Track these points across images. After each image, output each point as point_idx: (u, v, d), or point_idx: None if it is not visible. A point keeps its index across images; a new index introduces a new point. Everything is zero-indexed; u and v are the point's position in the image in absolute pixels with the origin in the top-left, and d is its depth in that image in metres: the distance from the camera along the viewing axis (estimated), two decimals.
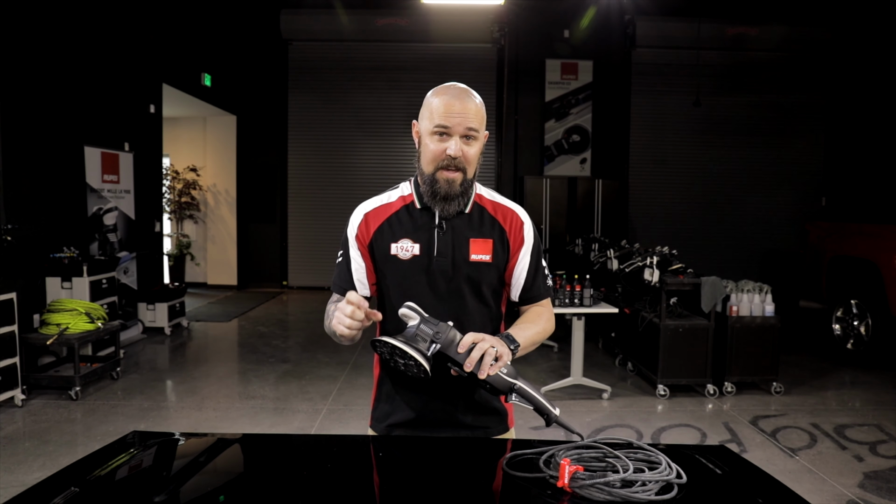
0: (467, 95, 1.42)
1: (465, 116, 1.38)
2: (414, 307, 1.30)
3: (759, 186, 10.12)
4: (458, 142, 1.39)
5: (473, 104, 1.41)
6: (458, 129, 1.38)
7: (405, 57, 9.93)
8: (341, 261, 1.53)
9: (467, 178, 1.43)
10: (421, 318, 1.28)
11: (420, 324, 1.27)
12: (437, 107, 1.40)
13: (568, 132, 10.02)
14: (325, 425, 4.11)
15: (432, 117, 1.40)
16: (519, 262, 1.52)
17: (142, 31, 6.69)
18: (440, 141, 1.40)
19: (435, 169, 1.41)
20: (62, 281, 5.03)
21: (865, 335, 5.75)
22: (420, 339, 1.26)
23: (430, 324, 1.27)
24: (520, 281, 1.53)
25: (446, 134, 1.39)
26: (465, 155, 1.40)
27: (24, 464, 3.38)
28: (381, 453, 1.37)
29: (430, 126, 1.41)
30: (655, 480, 1.06)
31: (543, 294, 1.56)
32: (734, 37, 9.64)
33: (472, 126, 1.39)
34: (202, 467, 1.29)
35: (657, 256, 4.95)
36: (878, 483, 3.30)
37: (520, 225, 1.52)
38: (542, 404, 1.28)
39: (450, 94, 1.41)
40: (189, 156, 10.10)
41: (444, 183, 1.41)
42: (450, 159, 1.39)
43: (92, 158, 5.72)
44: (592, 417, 4.33)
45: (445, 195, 1.41)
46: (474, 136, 1.41)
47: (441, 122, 1.38)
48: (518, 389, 1.28)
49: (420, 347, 1.25)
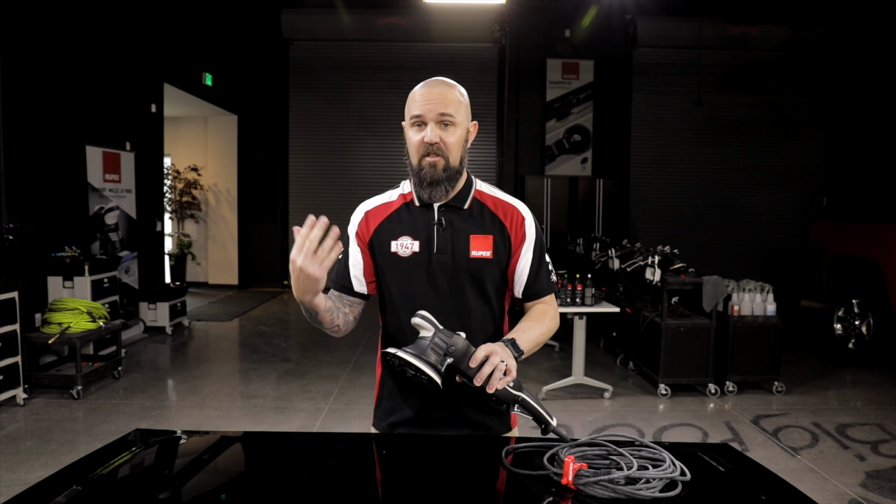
0: (442, 84, 1.43)
1: (437, 102, 1.40)
2: (427, 317, 1.29)
3: (760, 186, 10.11)
4: (433, 128, 1.40)
5: (448, 91, 1.42)
6: (430, 115, 1.40)
7: (406, 56, 9.93)
8: (340, 258, 1.52)
9: (451, 165, 1.43)
10: (435, 329, 1.27)
11: (434, 337, 1.26)
12: (412, 98, 1.44)
13: (569, 132, 10.02)
14: (327, 424, 4.11)
15: (409, 110, 1.44)
16: (521, 258, 1.50)
17: (143, 31, 6.69)
18: (418, 131, 1.42)
19: (419, 158, 1.43)
20: (64, 280, 5.03)
21: (867, 335, 5.74)
22: (433, 353, 1.25)
23: (444, 336, 1.26)
24: (522, 277, 1.52)
25: (422, 123, 1.41)
26: (443, 141, 1.41)
27: (25, 462, 3.38)
28: (384, 451, 1.36)
29: (408, 119, 1.45)
30: (659, 478, 1.06)
31: (547, 290, 1.55)
32: (735, 36, 9.63)
33: (446, 112, 1.40)
34: (204, 465, 1.28)
35: (658, 256, 4.95)
36: (880, 482, 3.30)
37: (521, 220, 1.51)
38: (542, 415, 1.30)
39: (425, 86, 1.44)
40: (190, 155, 10.10)
41: (428, 167, 1.42)
42: (427, 146, 1.40)
43: (93, 158, 5.72)
44: (594, 417, 4.32)
45: (431, 180, 1.42)
46: (451, 121, 1.41)
47: (415, 111, 1.42)
48: (522, 402, 1.30)
49: (433, 361, 1.24)
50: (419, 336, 1.29)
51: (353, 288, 1.51)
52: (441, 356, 1.25)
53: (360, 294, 1.52)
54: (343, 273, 1.51)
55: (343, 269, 1.51)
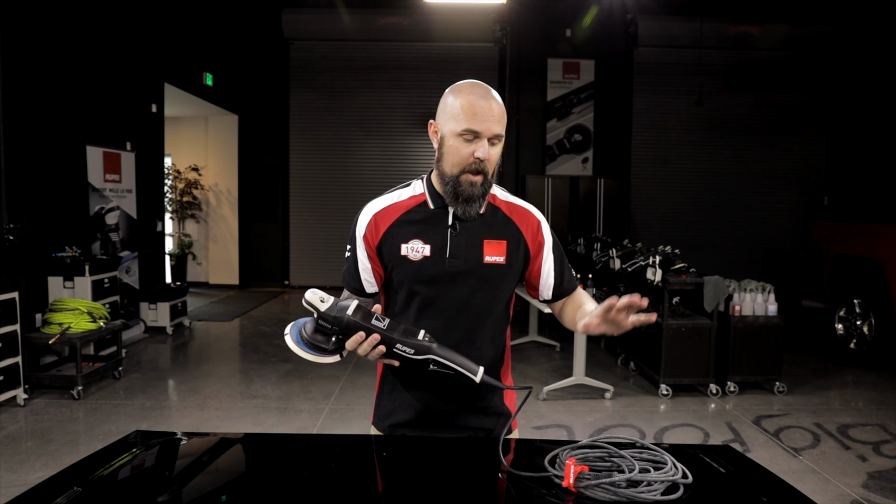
0: (493, 97, 1.38)
1: (495, 121, 1.36)
2: (309, 300, 1.29)
3: (761, 186, 10.10)
4: (486, 145, 1.36)
5: (499, 106, 1.38)
6: (487, 133, 1.35)
7: (407, 56, 9.92)
8: (349, 256, 1.51)
9: (488, 180, 1.40)
10: (317, 311, 1.29)
11: (317, 318, 1.30)
12: (464, 108, 1.35)
13: (570, 131, 10.01)
14: (328, 425, 4.11)
15: (458, 119, 1.35)
16: (544, 262, 1.50)
17: (144, 31, 6.69)
18: (468, 144, 1.35)
19: (461, 172, 1.37)
20: (64, 280, 5.03)
21: (868, 335, 5.73)
22: (320, 333, 1.30)
23: (331, 314, 1.28)
24: (549, 280, 1.52)
25: (476, 138, 1.35)
26: (489, 158, 1.37)
27: (26, 463, 3.38)
28: (385, 453, 1.36)
29: (456, 128, 1.35)
30: (661, 480, 1.06)
31: (574, 285, 1.57)
32: (736, 36, 9.61)
33: (499, 132, 1.37)
34: (205, 467, 1.28)
35: (659, 256, 4.94)
36: (882, 483, 3.29)
37: (537, 225, 1.50)
38: (462, 371, 1.29)
39: (475, 94, 1.36)
40: (191, 155, 10.10)
41: (468, 185, 1.37)
42: (478, 162, 1.36)
43: (94, 158, 5.72)
44: (595, 417, 4.32)
45: (468, 197, 1.38)
46: (499, 140, 1.39)
47: (470, 125, 1.34)
48: (434, 362, 1.29)
49: (318, 342, 1.30)
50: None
51: (365, 291, 1.51)
52: (327, 336, 1.29)
53: (373, 294, 1.53)
54: (354, 276, 1.50)
55: (353, 272, 1.50)
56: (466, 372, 1.28)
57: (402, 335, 1.28)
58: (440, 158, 1.41)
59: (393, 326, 1.29)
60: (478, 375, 1.28)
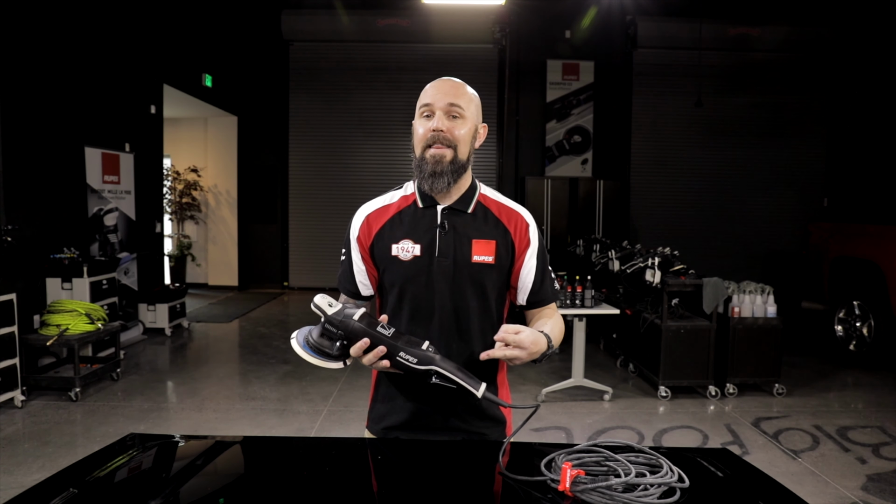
0: (453, 79, 1.44)
1: (447, 93, 1.40)
2: (318, 304, 1.31)
3: (760, 187, 10.10)
4: (441, 117, 1.39)
5: (459, 85, 1.43)
6: (439, 104, 1.39)
7: (406, 57, 9.93)
8: (344, 260, 1.53)
9: (458, 157, 1.41)
10: (324, 315, 1.30)
11: (324, 322, 1.30)
12: (423, 92, 1.44)
13: (569, 133, 10.01)
14: (326, 427, 4.10)
15: (419, 103, 1.44)
16: (525, 263, 1.49)
17: (143, 32, 6.69)
18: (426, 121, 1.41)
19: (423, 147, 1.41)
20: (62, 282, 5.02)
21: (868, 336, 5.73)
22: (326, 339, 1.31)
23: (337, 318, 1.29)
24: (527, 283, 1.50)
25: (431, 113, 1.41)
26: (451, 131, 1.39)
27: (23, 465, 3.37)
28: (380, 456, 1.36)
29: (417, 112, 1.44)
30: (658, 484, 1.05)
31: (551, 297, 1.54)
32: (736, 37, 9.62)
33: (456, 102, 1.39)
34: (200, 470, 1.28)
35: (659, 257, 4.94)
36: (882, 485, 3.28)
37: (525, 227, 1.49)
38: (464, 386, 1.28)
39: (437, 81, 1.45)
40: (190, 156, 10.10)
41: (431, 159, 1.40)
42: (433, 134, 1.39)
43: (92, 159, 5.72)
44: (594, 419, 4.31)
45: (432, 171, 1.40)
46: (460, 114, 1.40)
47: (425, 101, 1.42)
48: (437, 374, 1.28)
49: (325, 347, 1.31)
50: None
51: (360, 293, 1.53)
52: (333, 340, 1.29)
53: (369, 297, 1.54)
54: (349, 279, 1.52)
55: (349, 275, 1.52)
56: (468, 387, 1.27)
57: (407, 344, 1.29)
58: (413, 149, 1.46)
59: (397, 335, 1.30)
60: (479, 391, 1.28)
